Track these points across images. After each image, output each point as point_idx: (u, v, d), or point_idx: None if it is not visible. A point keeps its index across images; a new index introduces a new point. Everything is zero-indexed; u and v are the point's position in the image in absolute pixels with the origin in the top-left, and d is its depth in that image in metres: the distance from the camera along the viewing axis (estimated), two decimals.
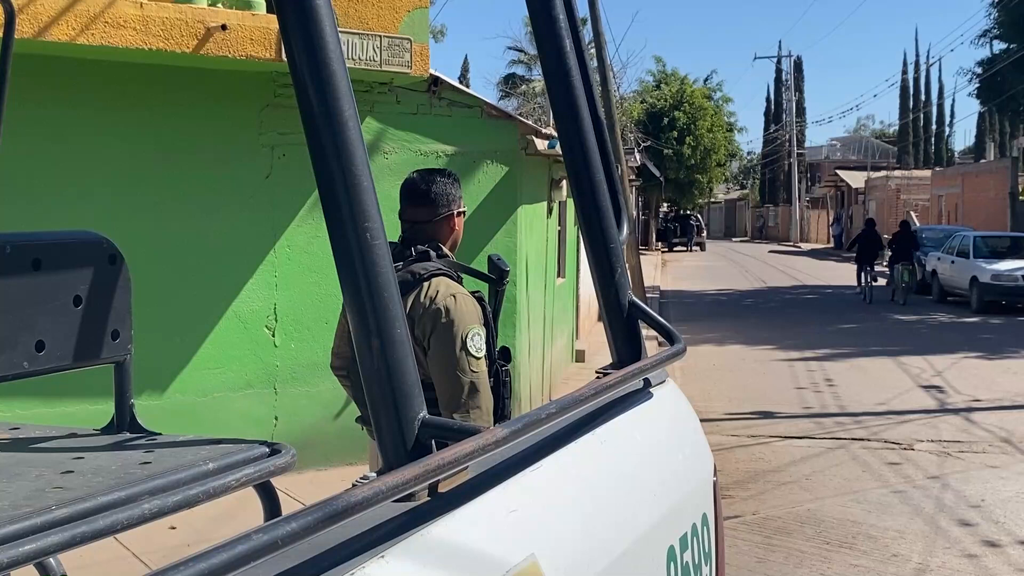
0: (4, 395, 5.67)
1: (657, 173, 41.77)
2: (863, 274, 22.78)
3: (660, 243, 52.45)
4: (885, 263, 23.83)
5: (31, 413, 5.74)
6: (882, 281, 23.58)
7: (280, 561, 1.01)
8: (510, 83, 41.60)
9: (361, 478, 1.32)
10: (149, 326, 6.39)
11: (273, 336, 6.99)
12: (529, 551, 1.29)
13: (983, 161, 48.15)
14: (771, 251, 52.17)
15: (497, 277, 3.35)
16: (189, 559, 0.85)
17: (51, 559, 1.83)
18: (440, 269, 3.19)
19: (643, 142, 38.71)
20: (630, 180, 24.30)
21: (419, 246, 3.22)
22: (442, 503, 1.24)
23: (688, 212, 56.13)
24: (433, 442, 1.27)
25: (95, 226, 2.08)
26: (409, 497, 1.20)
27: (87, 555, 4.88)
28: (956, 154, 69.16)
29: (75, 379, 3.04)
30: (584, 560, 1.42)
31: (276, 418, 7.00)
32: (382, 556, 1.08)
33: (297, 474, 6.65)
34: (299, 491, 5.97)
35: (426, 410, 1.28)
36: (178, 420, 6.32)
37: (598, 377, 1.76)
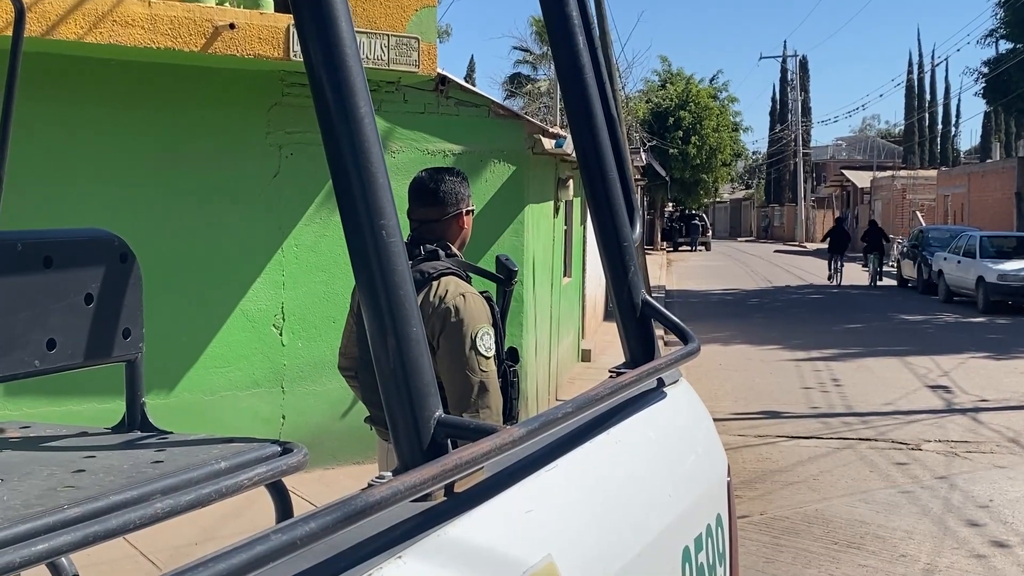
0: (15, 393, 5.67)
1: (662, 173, 41.67)
2: (833, 262, 28.18)
3: (665, 243, 52.39)
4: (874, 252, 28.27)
5: (42, 411, 5.74)
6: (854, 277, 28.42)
7: (296, 562, 1.00)
8: (515, 83, 41.53)
9: (376, 478, 1.31)
10: (156, 324, 6.40)
11: (280, 335, 6.99)
12: (546, 551, 1.28)
13: (989, 161, 48.00)
14: (776, 251, 52.11)
15: (505, 277, 3.33)
16: (208, 559, 0.84)
17: (63, 559, 1.83)
18: (449, 268, 3.17)
19: (648, 142, 38.64)
20: (636, 179, 24.27)
21: (428, 245, 3.21)
22: (458, 503, 1.23)
23: (693, 212, 56.04)
24: (449, 441, 1.26)
25: (102, 224, 2.07)
26: (425, 497, 1.19)
27: (95, 554, 4.86)
28: (962, 154, 68.94)
29: (87, 377, 3.04)
30: (600, 561, 1.41)
31: (283, 417, 6.99)
32: (399, 556, 1.07)
33: (304, 473, 6.64)
34: (306, 490, 5.97)
35: (442, 409, 1.27)
36: (185, 419, 6.31)
37: (611, 376, 1.75)
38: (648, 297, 1.94)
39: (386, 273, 1.23)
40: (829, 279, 28.25)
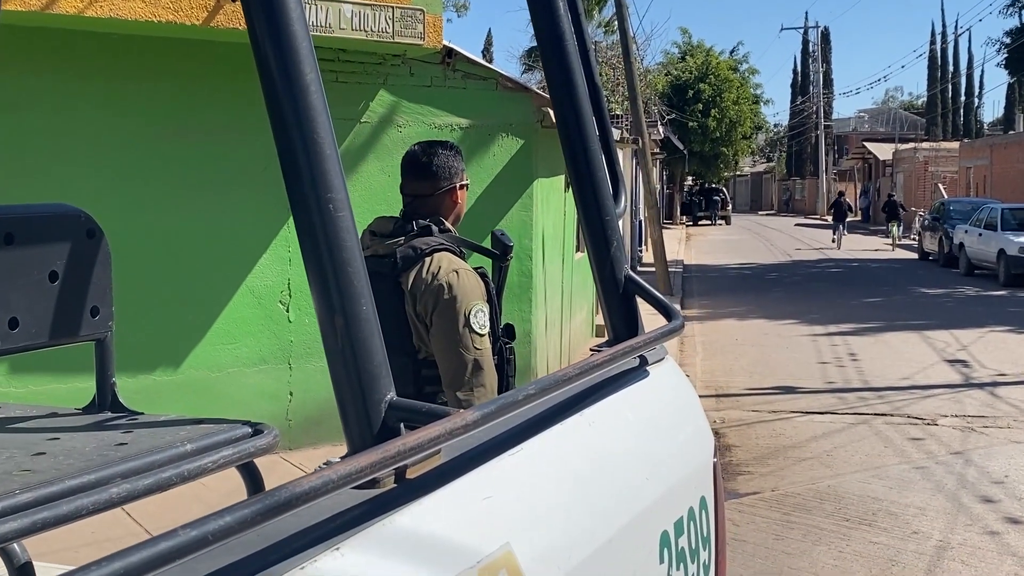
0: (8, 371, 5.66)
1: (681, 146, 41.43)
2: (835, 229, 33.14)
3: (684, 217, 52.13)
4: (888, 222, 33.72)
5: (43, 389, 5.73)
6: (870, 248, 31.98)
7: (222, 555, 0.94)
8: (533, 56, 41.30)
9: (324, 463, 1.25)
10: (163, 302, 6.39)
11: (287, 311, 6.95)
12: (504, 540, 1.22)
13: (1012, 132, 47.39)
14: (797, 224, 51.79)
15: (501, 252, 3.25)
16: (106, 557, 0.79)
17: (14, 545, 1.78)
18: (442, 244, 3.10)
19: (667, 115, 38.39)
20: (653, 153, 24.08)
21: (421, 220, 3.14)
22: (409, 490, 1.17)
23: (713, 185, 55.69)
24: (403, 426, 1.21)
25: (104, 202, 2.03)
26: (372, 484, 1.14)
27: (99, 531, 4.85)
28: (985, 125, 68.12)
29: (76, 358, 2.99)
30: (566, 549, 1.35)
31: (291, 393, 6.97)
32: (337, 548, 1.02)
33: (312, 449, 6.63)
34: (313, 467, 5.94)
35: (394, 391, 1.21)
36: (192, 396, 6.30)
37: (592, 354, 1.69)
38: (631, 272, 1.87)
39: (334, 249, 1.18)
40: (835, 245, 32.62)
